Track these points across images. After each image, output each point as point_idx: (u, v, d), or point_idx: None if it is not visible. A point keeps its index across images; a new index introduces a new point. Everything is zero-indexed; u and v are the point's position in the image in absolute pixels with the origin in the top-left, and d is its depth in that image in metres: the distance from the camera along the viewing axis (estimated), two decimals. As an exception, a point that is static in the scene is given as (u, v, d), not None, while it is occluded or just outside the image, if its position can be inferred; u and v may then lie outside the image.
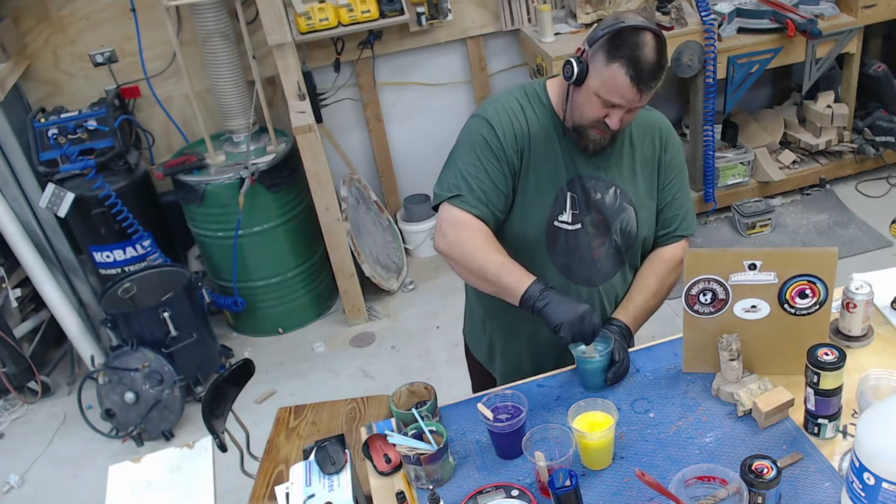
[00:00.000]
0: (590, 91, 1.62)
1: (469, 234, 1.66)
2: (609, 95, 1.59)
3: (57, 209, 3.24)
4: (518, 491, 1.47)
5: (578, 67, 1.61)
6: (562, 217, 1.74)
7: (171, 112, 3.71)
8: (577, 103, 1.66)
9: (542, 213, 1.74)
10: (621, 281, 1.86)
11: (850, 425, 1.52)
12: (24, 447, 3.23)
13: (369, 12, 3.47)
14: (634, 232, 1.80)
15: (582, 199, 1.75)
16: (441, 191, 1.72)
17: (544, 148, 1.72)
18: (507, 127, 1.70)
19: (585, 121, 1.66)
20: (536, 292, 1.61)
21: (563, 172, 1.73)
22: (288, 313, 3.68)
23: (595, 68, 1.60)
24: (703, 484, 1.38)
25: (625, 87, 1.57)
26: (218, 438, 2.07)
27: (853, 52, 3.75)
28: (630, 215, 1.79)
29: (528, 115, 1.73)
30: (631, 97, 1.59)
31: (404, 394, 1.69)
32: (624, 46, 1.56)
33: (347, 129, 3.94)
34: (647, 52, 1.55)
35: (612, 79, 1.57)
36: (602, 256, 1.80)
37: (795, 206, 4.03)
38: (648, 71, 1.56)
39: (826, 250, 1.54)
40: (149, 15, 3.48)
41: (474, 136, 1.71)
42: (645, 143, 1.80)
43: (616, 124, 1.64)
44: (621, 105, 1.61)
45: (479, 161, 1.69)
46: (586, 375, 1.72)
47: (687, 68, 3.54)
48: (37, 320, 3.54)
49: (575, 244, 1.77)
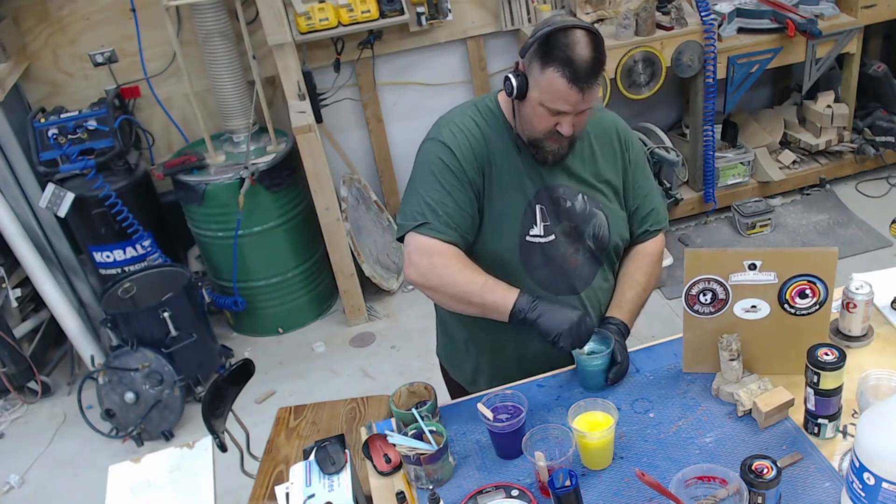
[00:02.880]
0: (534, 103, 1.59)
1: (443, 259, 1.63)
2: (552, 103, 1.56)
3: (57, 209, 3.24)
4: (518, 491, 1.47)
5: (517, 81, 1.58)
6: (533, 231, 1.71)
7: (171, 112, 3.71)
8: (525, 117, 1.63)
9: (513, 229, 1.71)
10: (602, 282, 1.83)
11: (850, 425, 1.52)
12: (24, 447, 3.23)
13: (369, 12, 3.47)
14: (607, 236, 1.78)
15: (552, 210, 1.72)
16: (405, 221, 1.67)
17: (506, 163, 1.69)
18: (465, 147, 1.66)
19: (538, 133, 1.63)
20: (526, 305, 1.61)
21: (529, 185, 1.70)
22: (288, 313, 3.68)
23: (533, 79, 1.57)
24: (703, 484, 1.38)
25: (564, 90, 1.53)
26: (218, 438, 2.07)
27: (853, 52, 3.75)
28: (601, 220, 1.76)
29: (484, 133, 1.69)
30: (574, 99, 1.55)
31: (404, 394, 1.69)
32: (555, 49, 1.52)
33: (347, 129, 3.94)
34: (580, 50, 1.51)
35: (551, 85, 1.53)
36: (579, 263, 1.78)
37: (795, 206, 4.03)
38: (585, 69, 1.52)
39: (826, 250, 1.54)
40: (149, 15, 3.48)
41: (433, 161, 1.66)
42: (605, 146, 1.78)
43: (569, 130, 1.60)
44: (568, 111, 1.57)
45: (440, 186, 1.65)
46: (587, 376, 1.72)
47: (687, 68, 3.54)
48: (37, 320, 3.53)
49: (551, 256, 1.74)
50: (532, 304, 1.61)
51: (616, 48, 3.43)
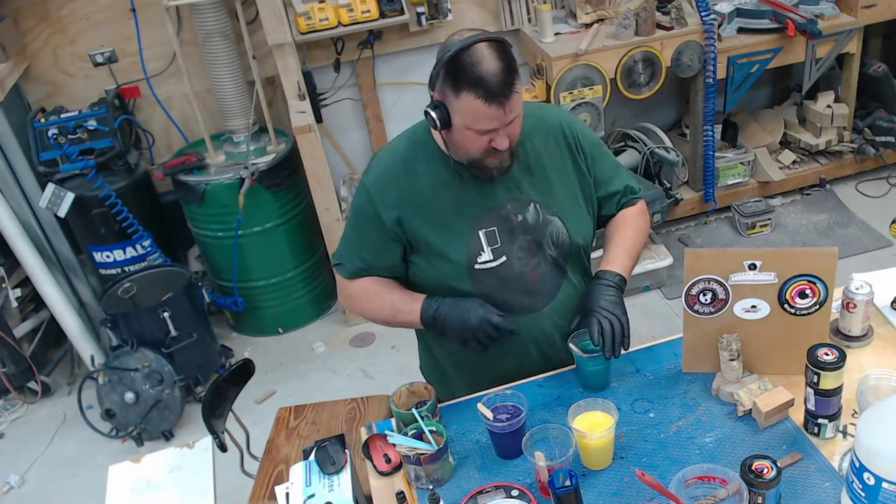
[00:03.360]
0: (460, 129, 1.55)
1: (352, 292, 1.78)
2: (477, 125, 1.52)
3: (57, 209, 3.24)
4: (518, 491, 1.47)
5: (437, 114, 1.55)
6: (482, 258, 1.68)
7: (171, 112, 3.70)
8: (457, 144, 1.60)
9: (458, 259, 1.68)
10: (571, 291, 1.78)
11: (850, 425, 1.53)
12: (24, 447, 3.23)
13: (369, 12, 3.47)
14: (568, 240, 1.73)
15: (504, 228, 1.69)
16: (333, 259, 1.82)
17: (440, 195, 1.67)
18: (384, 190, 1.68)
19: (474, 155, 1.59)
20: (431, 311, 1.67)
21: (470, 212, 1.67)
22: (288, 313, 3.68)
23: (451, 106, 1.53)
24: (703, 484, 1.38)
25: (484, 110, 1.48)
26: (218, 438, 2.07)
27: (853, 52, 3.75)
28: (557, 226, 1.71)
29: (415, 171, 1.67)
30: (496, 115, 1.50)
31: (404, 394, 1.69)
32: (462, 72, 1.47)
33: (347, 129, 3.94)
34: (487, 65, 1.46)
35: (470, 109, 1.49)
36: (540, 277, 1.73)
37: (795, 206, 4.03)
38: (498, 83, 1.47)
39: (826, 250, 1.54)
40: (149, 15, 3.48)
41: (356, 204, 1.74)
42: (549, 147, 1.73)
43: (504, 143, 1.56)
44: (495, 127, 1.53)
45: (357, 229, 1.73)
46: (587, 377, 1.71)
47: (687, 68, 3.54)
48: (37, 320, 3.53)
49: (505, 277, 1.70)
50: (436, 311, 1.67)
51: (616, 48, 3.43)
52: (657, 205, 3.44)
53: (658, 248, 3.59)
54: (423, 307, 1.69)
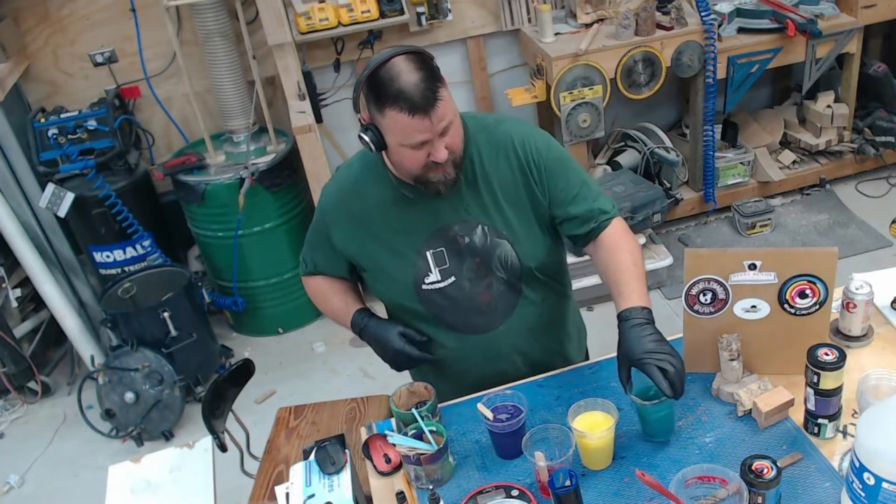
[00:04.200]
0: (395, 147, 1.52)
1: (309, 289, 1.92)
2: (409, 139, 1.48)
3: (57, 209, 3.24)
4: (518, 491, 1.47)
5: (370, 136, 1.52)
6: (429, 279, 1.66)
7: (171, 112, 3.70)
8: (397, 163, 1.58)
9: (405, 279, 1.67)
10: (526, 311, 1.74)
11: (850, 425, 1.52)
12: (24, 447, 3.23)
13: (369, 12, 3.47)
14: (517, 263, 1.68)
15: (452, 249, 1.66)
16: None
17: (387, 215, 1.65)
18: (336, 212, 1.72)
19: (416, 171, 1.55)
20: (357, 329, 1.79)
21: (418, 232, 1.65)
22: (288, 313, 3.68)
23: (380, 125, 1.51)
24: (703, 484, 1.38)
25: (411, 123, 1.45)
26: (218, 438, 2.07)
27: (853, 52, 3.75)
28: (505, 249, 1.67)
29: (364, 192, 1.67)
30: (425, 127, 1.46)
31: (404, 394, 1.69)
32: (380, 89, 1.45)
33: (347, 129, 3.94)
34: (405, 77, 1.43)
35: (397, 125, 1.46)
36: (492, 297, 1.70)
37: (795, 206, 4.03)
38: (420, 93, 1.43)
39: (826, 250, 1.54)
40: (149, 15, 3.48)
41: (316, 212, 1.80)
42: (500, 166, 1.65)
43: (443, 155, 1.51)
44: (428, 138, 1.49)
45: (314, 237, 1.81)
46: (655, 423, 1.55)
47: (687, 68, 3.54)
48: (37, 320, 3.53)
49: (455, 298, 1.68)
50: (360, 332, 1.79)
51: (616, 48, 3.43)
52: (657, 205, 3.44)
53: (658, 248, 3.59)
54: (352, 321, 1.81)
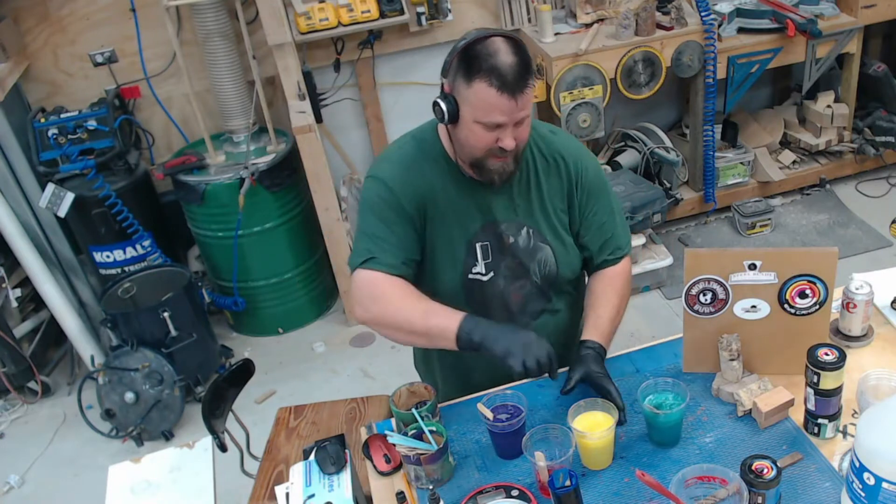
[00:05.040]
0: (468, 122, 1.53)
1: (384, 290, 1.58)
2: (486, 117, 1.50)
3: (57, 209, 3.24)
4: (518, 491, 1.47)
5: (446, 104, 1.52)
6: (475, 269, 1.67)
7: (171, 112, 3.70)
8: (463, 139, 1.57)
9: (456, 267, 1.68)
10: (550, 320, 1.78)
11: (850, 425, 1.53)
12: (24, 447, 3.23)
13: (369, 12, 3.47)
14: (554, 271, 1.73)
15: (495, 246, 1.68)
16: (352, 260, 1.65)
17: (448, 200, 1.65)
18: (405, 184, 1.62)
19: (479, 153, 1.56)
20: (470, 326, 1.51)
21: (470, 222, 1.66)
22: (288, 313, 3.68)
23: (461, 96, 1.51)
24: (703, 484, 1.38)
25: (496, 100, 1.47)
26: (218, 438, 2.07)
27: (853, 52, 3.75)
28: (546, 254, 1.71)
29: (424, 170, 1.64)
30: (507, 108, 1.49)
31: (404, 394, 1.69)
32: (476, 60, 1.47)
33: (347, 129, 3.94)
34: (503, 56, 1.46)
35: (481, 98, 1.48)
36: (521, 300, 1.73)
37: (795, 206, 4.03)
38: (513, 74, 1.46)
39: (826, 250, 1.54)
40: (149, 15, 3.48)
41: (372, 200, 1.64)
42: (551, 176, 1.70)
43: (511, 143, 1.53)
44: (504, 122, 1.51)
45: (381, 222, 1.62)
46: (664, 431, 1.56)
47: (687, 68, 3.54)
48: (37, 320, 3.53)
49: (490, 294, 1.71)
50: (476, 325, 1.51)
51: (616, 48, 3.43)
52: (657, 205, 3.44)
53: (658, 248, 3.59)
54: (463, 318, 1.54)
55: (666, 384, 1.58)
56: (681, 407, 1.52)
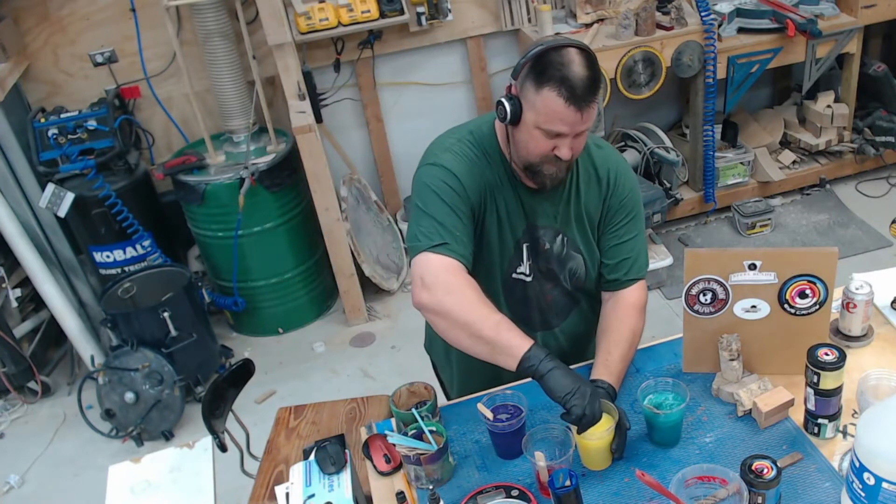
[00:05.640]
0: (529, 126, 1.53)
1: (459, 282, 1.53)
2: (549, 125, 1.50)
3: (57, 209, 3.24)
4: (518, 491, 1.47)
5: (511, 105, 1.53)
6: (520, 269, 1.70)
7: (171, 112, 3.70)
8: (521, 142, 1.57)
9: (502, 265, 1.70)
10: (578, 319, 1.83)
11: (850, 425, 1.53)
12: (24, 447, 3.23)
13: (369, 12, 3.47)
14: (583, 278, 1.76)
15: (533, 248, 1.71)
16: (418, 242, 1.57)
17: (501, 197, 1.66)
18: (470, 178, 1.61)
19: (534, 158, 1.57)
20: (542, 355, 1.47)
21: (518, 222, 1.68)
22: (288, 313, 3.68)
23: (527, 101, 1.51)
24: (703, 484, 1.38)
25: (562, 110, 1.48)
26: (218, 438, 2.07)
27: (853, 52, 3.75)
28: (578, 262, 1.74)
29: (484, 166, 1.64)
30: (572, 120, 1.49)
31: (404, 394, 1.69)
32: (549, 68, 1.47)
33: (347, 129, 3.94)
34: (576, 68, 1.47)
35: (547, 106, 1.48)
36: (553, 300, 1.77)
37: (795, 206, 4.03)
38: (582, 87, 1.47)
39: (826, 250, 1.54)
40: (149, 15, 3.48)
41: (439, 185, 1.60)
42: (591, 188, 1.72)
43: (567, 154, 1.54)
44: (566, 132, 1.52)
45: (450, 209, 1.58)
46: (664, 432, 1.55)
47: (687, 68, 3.54)
48: (37, 320, 3.53)
49: (529, 294, 1.74)
50: (546, 355, 1.47)
51: (616, 48, 3.43)
52: (657, 205, 3.44)
53: (658, 248, 3.59)
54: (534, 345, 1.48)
55: (666, 384, 1.58)
56: (681, 407, 1.53)
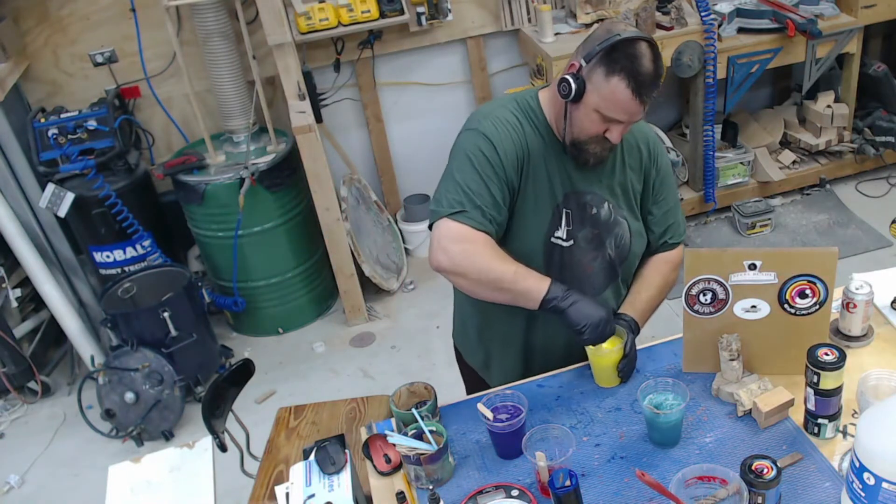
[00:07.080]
0: (588, 107, 1.59)
1: (475, 247, 1.61)
2: (610, 111, 1.58)
3: (57, 209, 3.24)
4: (518, 491, 1.47)
5: (576, 84, 1.58)
6: (558, 233, 1.73)
7: (171, 112, 3.71)
8: (576, 120, 1.63)
9: (540, 229, 1.72)
10: (613, 295, 1.85)
11: (850, 425, 1.53)
12: (24, 447, 3.23)
13: (369, 12, 3.47)
14: (628, 245, 1.81)
15: (577, 215, 1.73)
16: (440, 208, 1.65)
17: (542, 164, 1.70)
18: (506, 144, 1.65)
19: (584, 136, 1.64)
20: (560, 293, 1.61)
21: (559, 188, 1.71)
22: (288, 313, 3.68)
23: (593, 84, 1.57)
24: (703, 484, 1.38)
25: (627, 100, 1.55)
26: (218, 438, 2.07)
27: (853, 52, 3.75)
28: (624, 229, 1.78)
29: (525, 131, 1.69)
30: (633, 110, 1.57)
31: (404, 394, 1.69)
32: (622, 59, 1.53)
33: (347, 129, 3.94)
34: (646, 62, 1.54)
35: (613, 94, 1.55)
36: (594, 271, 1.79)
37: (795, 206, 4.03)
38: (648, 82, 1.55)
39: (826, 250, 1.54)
40: (149, 15, 3.48)
41: (473, 152, 1.65)
42: (633, 156, 1.79)
43: (617, 138, 1.62)
44: (623, 120, 1.59)
45: (479, 176, 1.63)
46: (665, 431, 1.56)
47: (687, 68, 3.54)
48: (37, 320, 3.53)
49: (569, 260, 1.76)
50: (565, 292, 1.62)
51: (616, 48, 3.42)
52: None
53: (658, 248, 3.59)
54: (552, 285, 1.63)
55: (666, 384, 1.58)
56: (681, 407, 1.53)
